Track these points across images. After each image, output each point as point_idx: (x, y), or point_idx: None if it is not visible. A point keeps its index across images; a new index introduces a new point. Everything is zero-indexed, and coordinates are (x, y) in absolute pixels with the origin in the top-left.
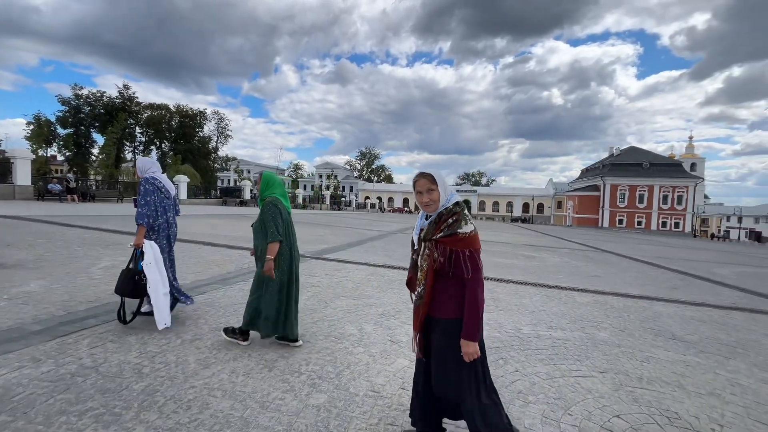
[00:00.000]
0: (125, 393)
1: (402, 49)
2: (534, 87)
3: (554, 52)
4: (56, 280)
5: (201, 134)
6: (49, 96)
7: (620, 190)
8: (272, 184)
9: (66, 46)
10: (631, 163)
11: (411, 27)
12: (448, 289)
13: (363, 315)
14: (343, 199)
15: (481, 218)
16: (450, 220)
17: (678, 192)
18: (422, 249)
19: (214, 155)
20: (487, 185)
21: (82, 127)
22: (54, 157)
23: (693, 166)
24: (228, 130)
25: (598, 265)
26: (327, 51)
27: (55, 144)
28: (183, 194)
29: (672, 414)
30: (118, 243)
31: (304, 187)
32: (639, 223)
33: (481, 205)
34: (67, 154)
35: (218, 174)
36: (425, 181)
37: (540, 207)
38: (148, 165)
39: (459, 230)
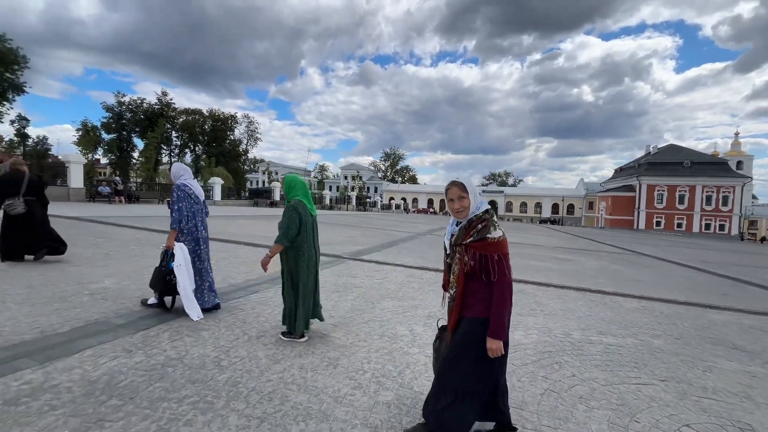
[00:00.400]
0: (212, 383)
1: (426, 49)
2: (563, 84)
3: (585, 48)
4: (125, 277)
5: (232, 137)
6: (92, 103)
7: (658, 191)
8: (294, 186)
9: (107, 55)
10: (670, 161)
11: (435, 27)
12: (478, 291)
13: (410, 316)
14: (367, 200)
15: (508, 219)
16: (479, 226)
17: (723, 192)
18: (454, 253)
19: (244, 157)
20: (514, 185)
21: (124, 132)
22: (98, 160)
23: (739, 164)
24: (257, 132)
25: (638, 269)
26: (351, 53)
27: (100, 148)
28: (217, 195)
29: (745, 425)
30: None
31: (330, 188)
32: (679, 225)
33: (508, 206)
34: (111, 157)
35: (247, 176)
36: (457, 189)
37: (570, 208)
38: (181, 172)
39: (488, 235)
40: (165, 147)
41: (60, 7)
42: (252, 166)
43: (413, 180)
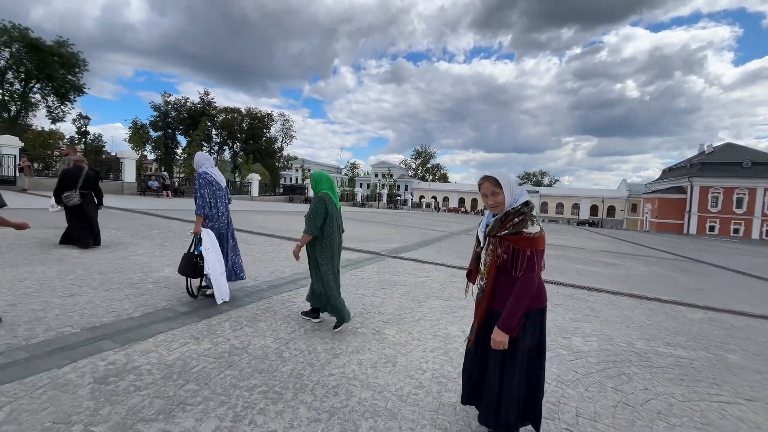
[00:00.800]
0: (277, 374)
1: (459, 46)
2: (605, 79)
3: (630, 40)
4: None
5: (268, 135)
6: (141, 103)
7: (712, 193)
8: (319, 181)
9: (155, 58)
10: (728, 162)
11: (469, 22)
12: (510, 285)
13: (460, 317)
14: (398, 198)
15: (543, 220)
16: (516, 219)
17: None
18: (487, 244)
19: (279, 155)
20: (549, 185)
21: (169, 130)
22: (146, 156)
23: None
24: (292, 130)
25: (696, 277)
26: (384, 51)
27: (148, 145)
28: (255, 191)
29: None
30: None
31: (360, 185)
32: (736, 230)
33: (544, 207)
34: (158, 154)
35: (281, 172)
36: (489, 184)
37: (611, 210)
38: (203, 161)
39: (524, 230)
40: (206, 144)
41: (114, 13)
42: (286, 163)
43: (444, 178)
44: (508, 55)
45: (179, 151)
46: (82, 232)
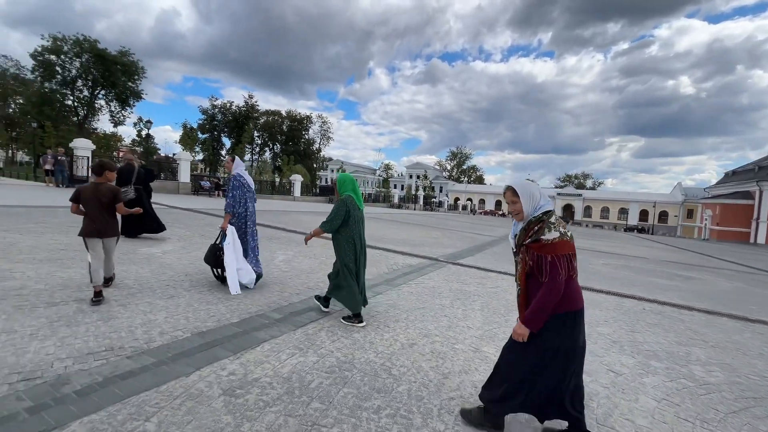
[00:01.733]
0: (396, 395)
1: (496, 44)
2: (655, 75)
3: (685, 33)
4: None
5: (306, 137)
6: (188, 107)
7: None
8: (343, 183)
9: (201, 64)
10: None
11: (507, 20)
12: (538, 290)
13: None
14: (433, 199)
15: (586, 225)
16: (536, 228)
17: None
18: (518, 253)
19: (317, 156)
20: (593, 188)
21: (215, 132)
22: (193, 157)
23: None
24: (330, 132)
25: None
26: (418, 52)
27: (197, 146)
28: (297, 192)
29: None
30: (274, 237)
31: (394, 186)
32: None
33: (587, 211)
34: (205, 155)
35: (318, 173)
36: (509, 193)
37: (663, 215)
38: (239, 165)
39: (542, 237)
40: (248, 146)
41: (167, 23)
42: (322, 164)
43: (480, 180)
44: (547, 53)
45: (223, 152)
46: (140, 222)
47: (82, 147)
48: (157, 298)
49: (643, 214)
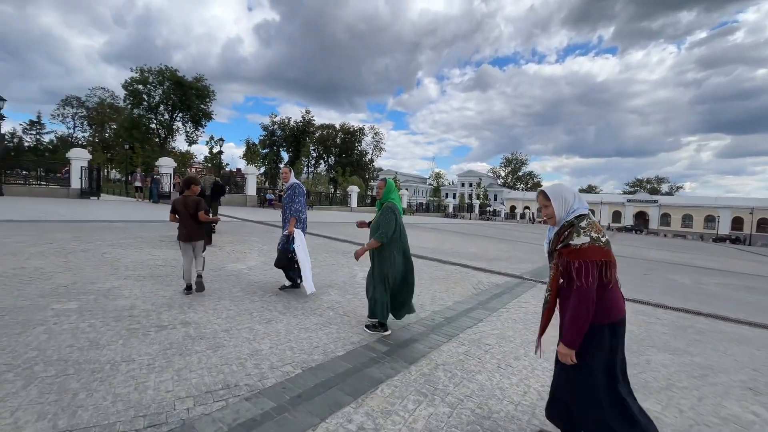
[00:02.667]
0: None
1: (551, 45)
2: (741, 65)
3: None
4: (343, 289)
5: (359, 148)
6: (249, 125)
7: None
8: (392, 189)
9: (260, 84)
10: None
11: (562, 19)
12: (570, 297)
13: (719, 387)
14: (488, 208)
15: (664, 235)
16: (566, 233)
17: None
18: (552, 258)
19: (369, 166)
20: (669, 194)
21: (275, 147)
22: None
23: None
24: (382, 143)
25: None
26: (468, 59)
27: (258, 161)
28: (354, 202)
29: None
30: (347, 252)
31: (446, 195)
32: None
33: (664, 219)
34: (266, 168)
35: (371, 183)
36: (541, 197)
37: (762, 223)
38: (294, 176)
39: (570, 242)
40: (305, 158)
41: (231, 50)
42: (374, 174)
43: (537, 187)
44: (609, 50)
45: (281, 165)
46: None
47: (166, 165)
48: (256, 323)
49: (736, 222)
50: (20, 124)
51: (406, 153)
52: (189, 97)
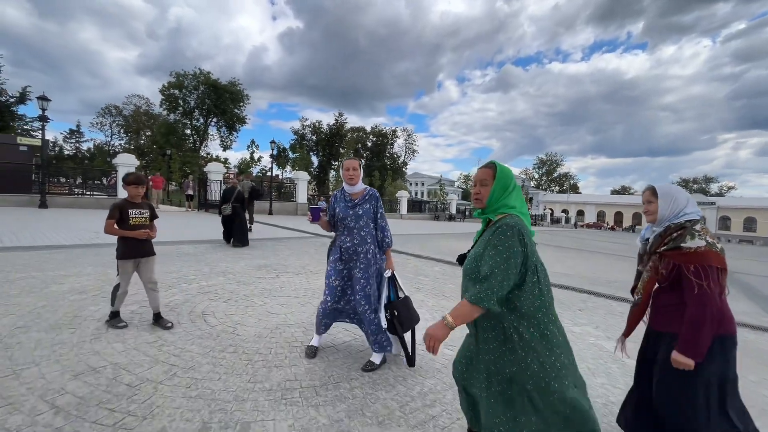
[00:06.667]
0: None
1: (576, 43)
2: None
3: None
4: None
5: (391, 151)
6: (272, 131)
7: None
8: (508, 186)
9: (283, 91)
10: None
11: (588, 16)
12: (672, 303)
13: None
14: (533, 214)
15: (728, 240)
16: (674, 234)
17: None
18: (648, 261)
19: (402, 170)
20: (719, 194)
21: (305, 152)
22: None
23: None
24: (415, 144)
25: None
26: (489, 59)
27: (288, 165)
28: (404, 209)
29: None
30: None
31: None
32: None
33: (723, 222)
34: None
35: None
36: (648, 192)
37: None
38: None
39: (683, 244)
40: (334, 162)
41: (256, 58)
42: (403, 178)
43: (574, 189)
44: (639, 46)
45: (311, 169)
46: (233, 234)
47: (215, 171)
48: None
49: None
50: (61, 133)
51: (426, 155)
52: (224, 101)
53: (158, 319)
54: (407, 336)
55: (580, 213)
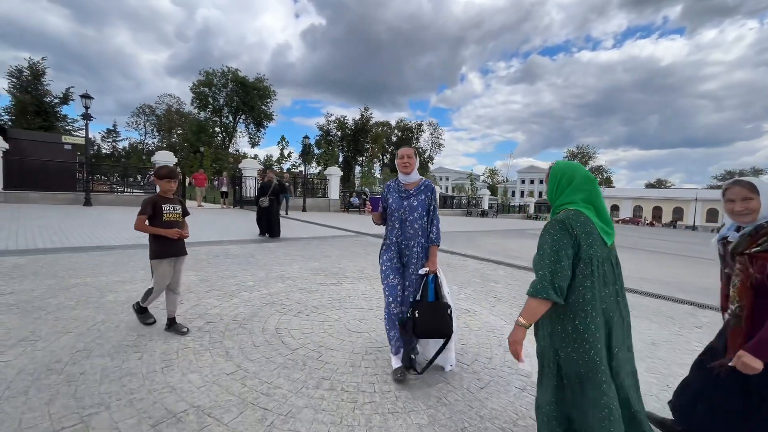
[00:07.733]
0: None
1: (607, 30)
2: None
3: None
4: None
5: (416, 146)
6: (295, 127)
7: None
8: (570, 180)
9: (306, 88)
10: None
11: (621, 1)
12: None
13: None
14: None
15: None
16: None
17: None
18: (734, 263)
19: (428, 165)
20: None
21: (330, 147)
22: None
23: None
24: (441, 138)
25: None
26: (514, 51)
27: (314, 161)
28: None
29: None
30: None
31: (512, 194)
32: None
33: None
34: (321, 168)
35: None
36: (741, 188)
37: None
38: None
39: None
40: (359, 157)
41: (280, 56)
42: (427, 173)
43: (608, 182)
44: (676, 30)
45: (336, 166)
46: (268, 225)
47: (250, 167)
48: None
49: None
50: (99, 133)
51: (449, 150)
52: (252, 98)
53: (172, 324)
54: (432, 346)
55: (614, 208)
